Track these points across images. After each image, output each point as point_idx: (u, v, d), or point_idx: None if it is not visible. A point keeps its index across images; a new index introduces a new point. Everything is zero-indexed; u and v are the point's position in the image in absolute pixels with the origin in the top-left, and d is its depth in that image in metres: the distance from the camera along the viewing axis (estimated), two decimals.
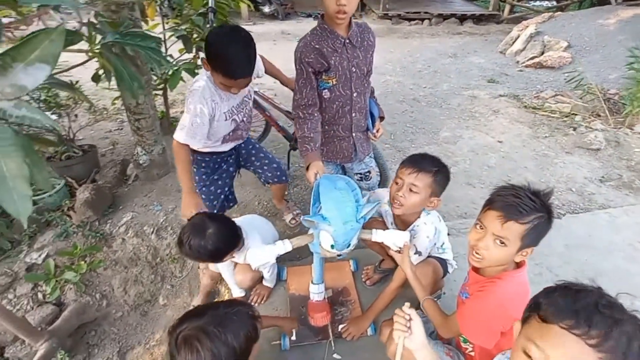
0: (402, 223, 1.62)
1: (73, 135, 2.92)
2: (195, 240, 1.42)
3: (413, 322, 1.02)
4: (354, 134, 1.79)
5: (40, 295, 2.27)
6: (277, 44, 7.11)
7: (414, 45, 7.16)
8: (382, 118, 1.91)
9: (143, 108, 2.62)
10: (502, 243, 1.08)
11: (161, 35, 2.55)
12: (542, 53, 5.72)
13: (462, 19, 8.89)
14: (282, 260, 2.18)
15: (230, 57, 1.49)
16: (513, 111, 4.25)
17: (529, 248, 1.10)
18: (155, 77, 3.11)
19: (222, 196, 2.07)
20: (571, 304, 0.67)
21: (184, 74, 2.74)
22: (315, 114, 1.64)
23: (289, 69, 1.87)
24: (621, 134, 3.57)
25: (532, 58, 5.71)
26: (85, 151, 2.91)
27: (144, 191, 2.81)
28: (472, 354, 1.32)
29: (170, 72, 2.79)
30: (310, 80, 1.60)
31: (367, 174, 1.96)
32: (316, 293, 1.52)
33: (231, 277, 1.86)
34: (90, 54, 1.31)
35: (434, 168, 1.44)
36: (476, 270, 1.27)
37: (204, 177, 1.98)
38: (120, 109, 4.11)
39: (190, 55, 2.95)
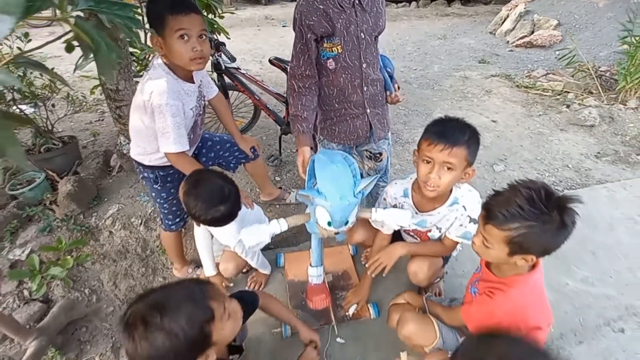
0: (430, 205, 1.44)
1: (51, 126, 2.77)
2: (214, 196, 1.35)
3: None
4: (368, 110, 1.60)
5: (26, 293, 2.16)
6: (261, 29, 6.93)
7: (403, 27, 7.05)
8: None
9: (124, 94, 2.49)
10: (485, 245, 1.04)
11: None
12: (532, 32, 5.67)
13: (450, 0, 8.78)
14: (280, 247, 2.12)
15: None
16: (505, 91, 4.21)
17: (526, 255, 1.00)
18: (135, 64, 2.96)
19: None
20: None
21: None
22: (313, 88, 1.49)
23: (277, 54, 1.77)
24: (615, 109, 3.55)
25: (522, 37, 5.66)
26: (66, 143, 2.77)
27: (129, 182, 2.70)
28: None
29: (150, 57, 2.66)
30: (309, 47, 1.43)
31: (378, 155, 1.78)
32: (315, 276, 1.46)
33: (208, 253, 1.74)
34: (62, 23, 1.18)
35: (465, 137, 1.21)
36: (487, 265, 1.20)
37: (171, 191, 1.75)
38: (100, 100, 3.95)
39: None
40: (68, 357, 2.12)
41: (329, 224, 1.16)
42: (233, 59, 2.34)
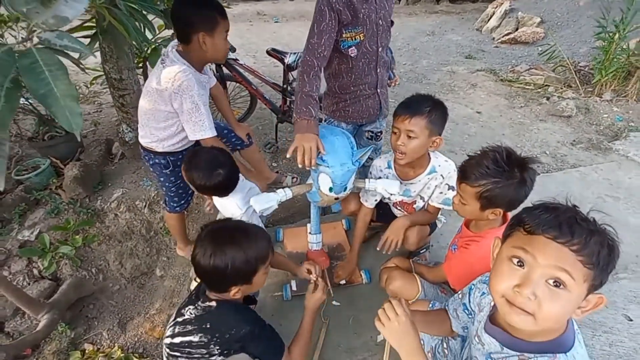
0: (411, 173, 1.59)
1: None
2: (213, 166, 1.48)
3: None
4: (379, 90, 1.72)
5: (35, 272, 2.27)
6: (253, 25, 7.02)
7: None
8: None
9: (127, 83, 2.60)
10: (462, 202, 1.22)
11: None
12: (517, 29, 5.89)
13: None
14: (278, 223, 2.27)
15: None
16: (490, 84, 4.41)
17: (495, 209, 1.17)
18: (136, 55, 3.07)
19: (191, 191, 2.02)
20: (553, 218, 0.75)
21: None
22: (320, 74, 1.50)
23: (266, 54, 1.84)
24: (591, 101, 3.77)
25: (507, 34, 5.87)
26: (68, 131, 2.86)
27: (131, 168, 2.81)
28: None
29: (149, 50, 2.76)
30: (333, 28, 1.44)
31: (379, 133, 1.92)
32: (314, 243, 1.61)
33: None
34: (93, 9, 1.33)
35: (426, 108, 1.38)
36: (467, 225, 1.39)
37: (179, 175, 1.83)
38: (97, 92, 4.03)
39: (170, 32, 2.92)
40: (77, 331, 2.24)
41: (330, 189, 1.32)
42: (233, 49, 2.46)
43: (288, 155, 1.37)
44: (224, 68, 2.78)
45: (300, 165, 1.32)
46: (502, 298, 0.77)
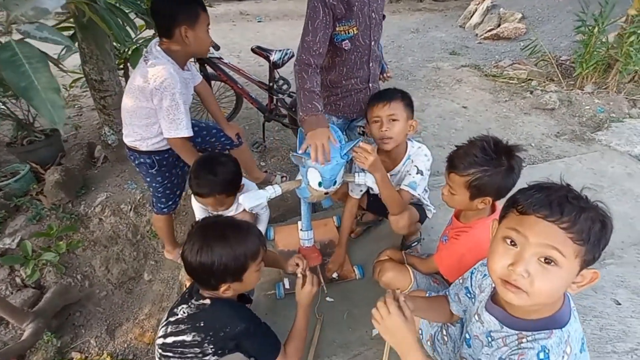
0: (391, 165, 1.61)
1: (32, 119, 2.79)
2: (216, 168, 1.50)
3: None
4: (370, 85, 1.72)
5: (18, 280, 2.20)
6: (236, 25, 6.97)
7: None
8: None
9: (108, 85, 2.54)
10: (451, 192, 1.23)
11: None
12: (499, 25, 5.98)
13: None
14: (269, 222, 2.24)
15: None
16: (475, 79, 4.46)
17: (483, 197, 1.18)
18: (116, 56, 3.00)
19: (179, 191, 2.01)
20: (544, 198, 0.76)
21: None
22: (318, 71, 1.49)
23: (250, 54, 1.85)
24: (573, 94, 3.85)
25: (489, 30, 5.95)
26: (48, 135, 2.79)
27: (115, 172, 2.74)
28: None
29: (130, 51, 2.71)
30: (328, 25, 1.43)
31: None
32: (306, 239, 1.60)
33: None
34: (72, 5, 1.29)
35: (398, 94, 1.49)
36: (457, 216, 1.39)
37: (166, 175, 1.86)
38: (77, 95, 3.94)
39: (151, 32, 2.86)
40: (64, 340, 2.18)
41: (320, 184, 1.30)
42: (217, 47, 2.43)
43: (300, 152, 1.35)
44: (208, 67, 2.74)
45: (313, 162, 1.30)
46: (498, 278, 0.80)
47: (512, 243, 0.78)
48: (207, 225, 1.14)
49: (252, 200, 1.35)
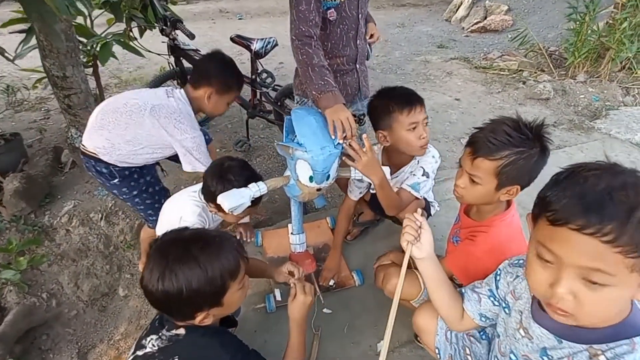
0: (395, 168, 1.49)
1: None
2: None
3: (423, 230, 0.94)
4: (358, 66, 1.58)
5: None
6: (216, 22, 6.72)
7: None
8: None
9: (72, 82, 2.29)
10: (474, 182, 1.03)
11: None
12: (485, 17, 5.90)
13: None
14: (256, 226, 2.04)
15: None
16: (465, 72, 4.34)
17: (511, 186, 1.01)
18: (83, 54, 2.75)
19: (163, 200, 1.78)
20: (579, 199, 0.57)
21: (116, 48, 2.43)
22: (319, 44, 1.35)
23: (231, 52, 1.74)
24: (566, 83, 3.75)
25: (476, 23, 5.87)
26: (8, 140, 2.52)
27: (84, 177, 2.49)
28: None
29: (98, 47, 2.47)
30: None
31: (362, 117, 1.74)
32: (298, 244, 1.40)
33: None
34: None
35: (420, 97, 1.36)
36: (466, 212, 1.22)
37: (136, 185, 1.66)
38: (44, 98, 3.66)
39: (122, 26, 2.63)
40: None
41: (311, 179, 1.11)
42: (192, 36, 2.22)
43: (337, 138, 1.17)
44: (184, 61, 2.52)
45: (340, 141, 1.15)
46: (540, 298, 0.66)
47: (547, 260, 0.61)
48: (168, 243, 0.89)
49: (233, 199, 1.14)
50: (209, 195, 1.28)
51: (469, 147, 1.03)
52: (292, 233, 1.42)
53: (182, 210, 1.35)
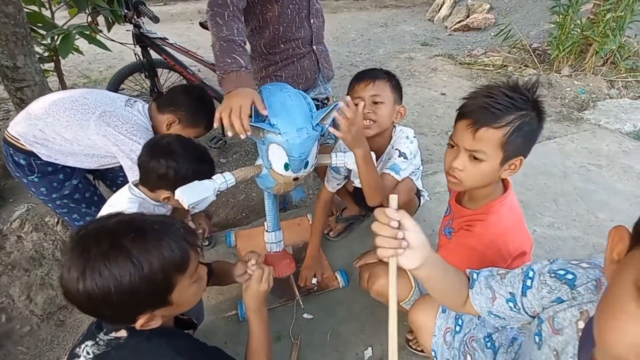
0: (378, 150, 1.34)
1: None
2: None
3: (406, 231, 0.62)
4: (314, 47, 1.47)
5: None
6: (194, 23, 6.54)
7: (344, 18, 7.05)
8: None
9: (25, 72, 2.08)
10: (477, 159, 0.87)
11: None
12: (468, 16, 5.89)
13: None
14: (229, 226, 1.86)
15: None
16: (450, 68, 4.27)
17: (516, 158, 0.88)
18: (42, 46, 2.52)
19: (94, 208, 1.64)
20: None
21: (82, 43, 2.25)
22: (239, 16, 1.13)
23: (208, 50, 1.55)
24: (552, 77, 3.71)
25: (459, 22, 5.85)
26: None
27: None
28: None
29: (59, 40, 2.27)
30: None
31: (325, 100, 1.62)
32: (274, 242, 1.23)
33: None
34: None
35: (383, 73, 1.28)
36: (458, 201, 1.07)
37: (59, 187, 1.49)
38: (6, 99, 3.40)
39: (84, 18, 2.42)
40: None
41: (286, 166, 0.94)
42: (156, 19, 2.03)
43: (216, 125, 0.98)
44: (151, 52, 2.33)
45: (230, 134, 0.94)
46: None
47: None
48: (90, 234, 0.70)
49: (194, 193, 0.96)
50: (154, 182, 1.10)
51: (466, 119, 0.87)
52: (266, 230, 1.25)
53: (114, 208, 1.13)
